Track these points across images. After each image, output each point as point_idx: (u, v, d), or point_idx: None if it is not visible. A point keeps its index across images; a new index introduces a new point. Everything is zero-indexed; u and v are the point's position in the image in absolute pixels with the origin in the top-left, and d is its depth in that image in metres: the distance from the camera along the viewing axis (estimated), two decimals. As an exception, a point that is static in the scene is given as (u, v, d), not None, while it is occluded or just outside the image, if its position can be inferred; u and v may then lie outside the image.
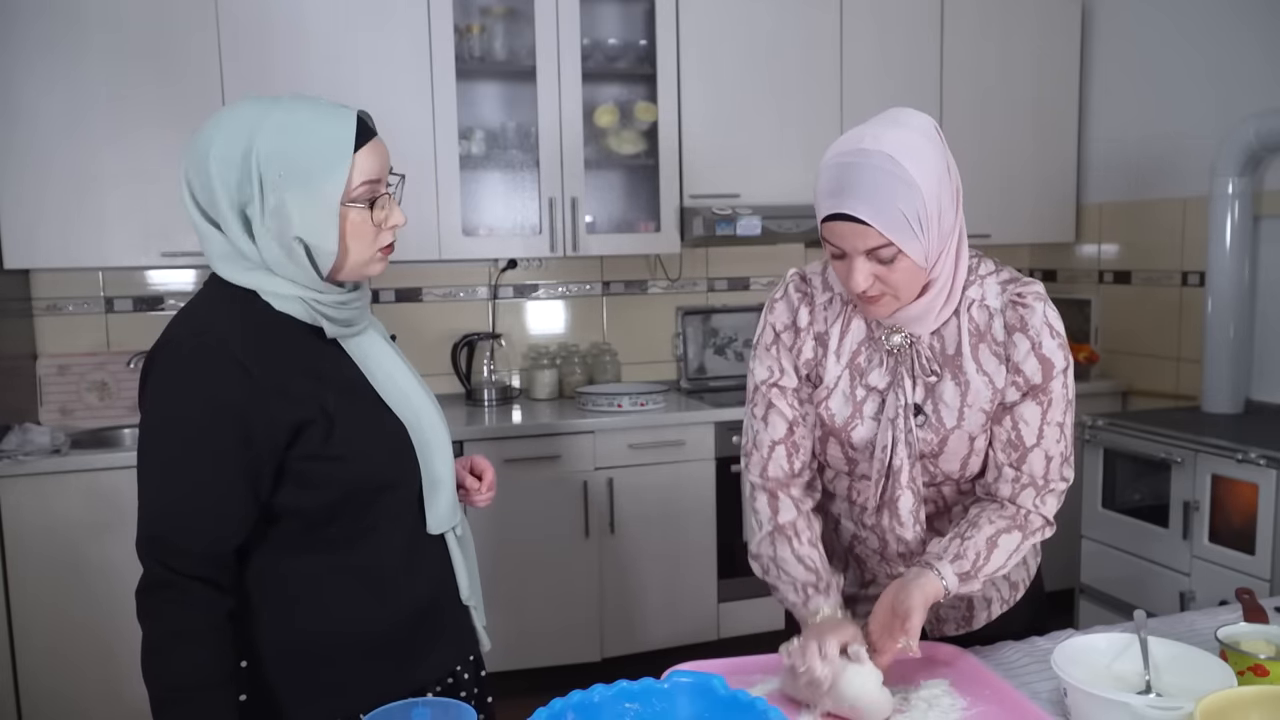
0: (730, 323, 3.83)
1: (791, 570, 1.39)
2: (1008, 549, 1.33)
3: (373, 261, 1.25)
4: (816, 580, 1.37)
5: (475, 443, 2.98)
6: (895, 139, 1.23)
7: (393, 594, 1.29)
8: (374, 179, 1.21)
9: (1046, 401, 1.34)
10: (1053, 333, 1.35)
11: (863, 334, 1.41)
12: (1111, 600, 3.07)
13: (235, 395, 1.15)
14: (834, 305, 1.43)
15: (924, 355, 1.37)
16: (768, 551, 1.42)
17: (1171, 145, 3.50)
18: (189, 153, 1.19)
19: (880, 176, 1.21)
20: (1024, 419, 1.35)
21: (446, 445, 1.35)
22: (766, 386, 1.45)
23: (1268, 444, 2.61)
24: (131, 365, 3.16)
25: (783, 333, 1.46)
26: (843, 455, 1.44)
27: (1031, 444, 1.35)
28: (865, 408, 1.40)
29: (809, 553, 1.39)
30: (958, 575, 1.30)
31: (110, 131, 2.86)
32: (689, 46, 3.34)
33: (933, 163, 1.25)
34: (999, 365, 1.36)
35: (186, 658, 1.13)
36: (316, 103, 1.21)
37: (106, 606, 2.66)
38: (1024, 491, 1.36)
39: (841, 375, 1.41)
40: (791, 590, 1.38)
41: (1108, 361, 3.80)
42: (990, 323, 1.36)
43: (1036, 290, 1.36)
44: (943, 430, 1.37)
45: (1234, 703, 1.08)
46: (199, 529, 1.15)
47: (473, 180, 3.34)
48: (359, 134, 1.20)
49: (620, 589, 3.18)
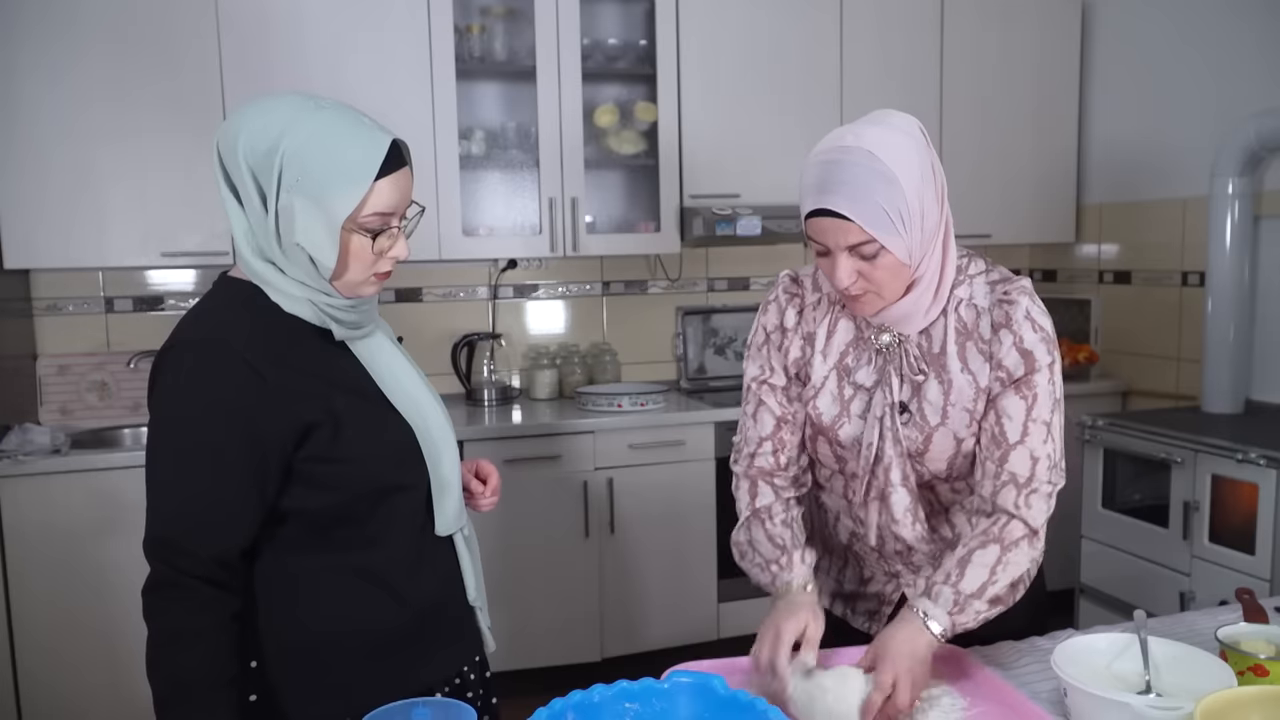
0: (730, 323, 3.83)
1: (761, 549, 1.41)
2: (984, 564, 1.28)
3: (366, 284, 1.24)
4: (780, 555, 1.38)
5: (475, 443, 2.98)
6: (877, 136, 1.25)
7: (400, 595, 1.29)
8: (387, 211, 1.20)
9: (1031, 397, 1.33)
10: (1035, 326, 1.34)
11: (851, 334, 1.43)
12: (1111, 600, 3.07)
13: (244, 397, 1.15)
14: (822, 306, 1.45)
15: (912, 354, 1.38)
16: (744, 537, 1.45)
17: (1171, 145, 3.50)
18: (224, 128, 1.19)
19: (861, 172, 1.23)
20: (1007, 413, 1.34)
21: (453, 448, 1.35)
22: (757, 384, 1.49)
23: (1268, 444, 2.61)
24: (132, 365, 3.17)
25: (772, 333, 1.48)
26: (832, 453, 1.46)
27: (1015, 440, 1.33)
28: (852, 406, 1.41)
29: (780, 531, 1.42)
30: (949, 613, 1.26)
31: (110, 131, 2.86)
32: (689, 46, 3.34)
33: (914, 160, 1.26)
34: (984, 363, 1.36)
35: (191, 657, 1.13)
36: (358, 120, 1.19)
37: (107, 606, 2.66)
38: (1004, 489, 1.32)
39: (829, 375, 1.43)
40: (759, 569, 1.41)
41: (1108, 361, 3.80)
42: (978, 321, 1.37)
43: (1022, 285, 1.37)
44: (927, 428, 1.37)
45: (1234, 703, 1.08)
46: (207, 530, 1.15)
47: (473, 180, 3.34)
48: (388, 162, 1.18)
49: (620, 589, 3.18)
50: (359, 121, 1.19)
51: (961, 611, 1.27)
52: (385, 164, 1.17)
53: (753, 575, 1.43)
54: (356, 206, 1.16)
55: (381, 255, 1.22)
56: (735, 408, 3.25)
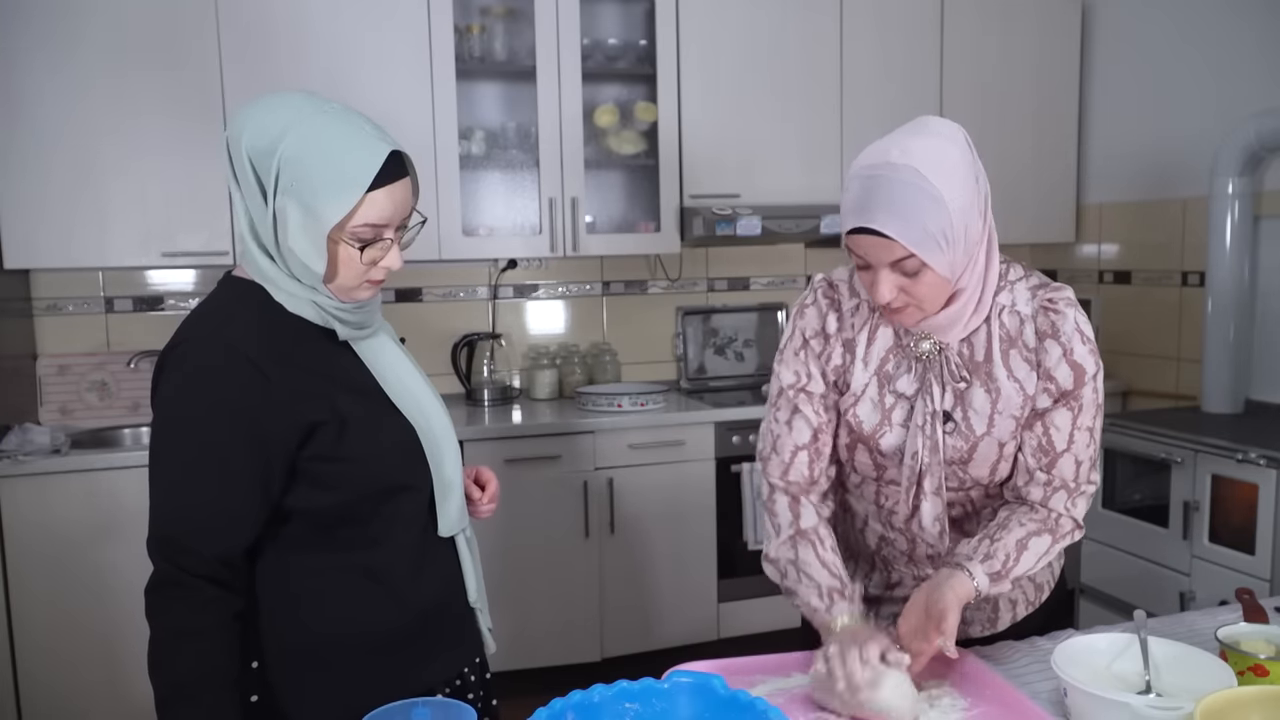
0: (730, 323, 3.83)
1: (815, 574, 1.36)
2: (1038, 551, 1.33)
3: (359, 289, 1.23)
4: (841, 586, 1.35)
5: (475, 443, 2.98)
6: (923, 152, 1.22)
7: (402, 596, 1.29)
8: (380, 223, 1.18)
9: (1077, 407, 1.34)
10: (1084, 338, 1.34)
11: (890, 341, 1.41)
12: (1111, 600, 3.07)
13: (248, 397, 1.15)
14: (861, 312, 1.43)
15: (953, 362, 1.37)
16: (787, 555, 1.39)
17: (1171, 145, 3.50)
18: (232, 121, 1.18)
19: (907, 192, 1.21)
20: (1055, 425, 1.34)
21: (455, 449, 1.35)
22: (794, 391, 1.44)
23: (1268, 444, 2.61)
24: (132, 365, 3.17)
25: (812, 339, 1.44)
26: (871, 462, 1.44)
27: (1062, 449, 1.34)
28: (894, 415, 1.39)
29: (832, 559, 1.38)
30: (989, 575, 1.29)
31: (111, 132, 2.86)
32: (689, 46, 3.34)
33: (961, 174, 1.23)
34: (1030, 371, 1.35)
35: (193, 656, 1.14)
36: (359, 128, 1.17)
37: (106, 606, 2.66)
38: (1055, 495, 1.35)
39: (869, 382, 1.40)
40: (815, 595, 1.35)
41: (1108, 361, 3.74)
42: (1021, 329, 1.36)
43: (1067, 296, 1.36)
44: (972, 437, 1.36)
45: (1234, 703, 1.08)
46: (210, 530, 1.15)
47: (473, 180, 3.34)
48: (386, 173, 1.16)
49: (620, 589, 3.18)
50: (360, 129, 1.17)
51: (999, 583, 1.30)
52: (382, 174, 1.16)
53: (801, 596, 1.37)
54: (346, 216, 1.15)
55: (373, 265, 1.21)
56: (735, 408, 3.27)
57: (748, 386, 3.72)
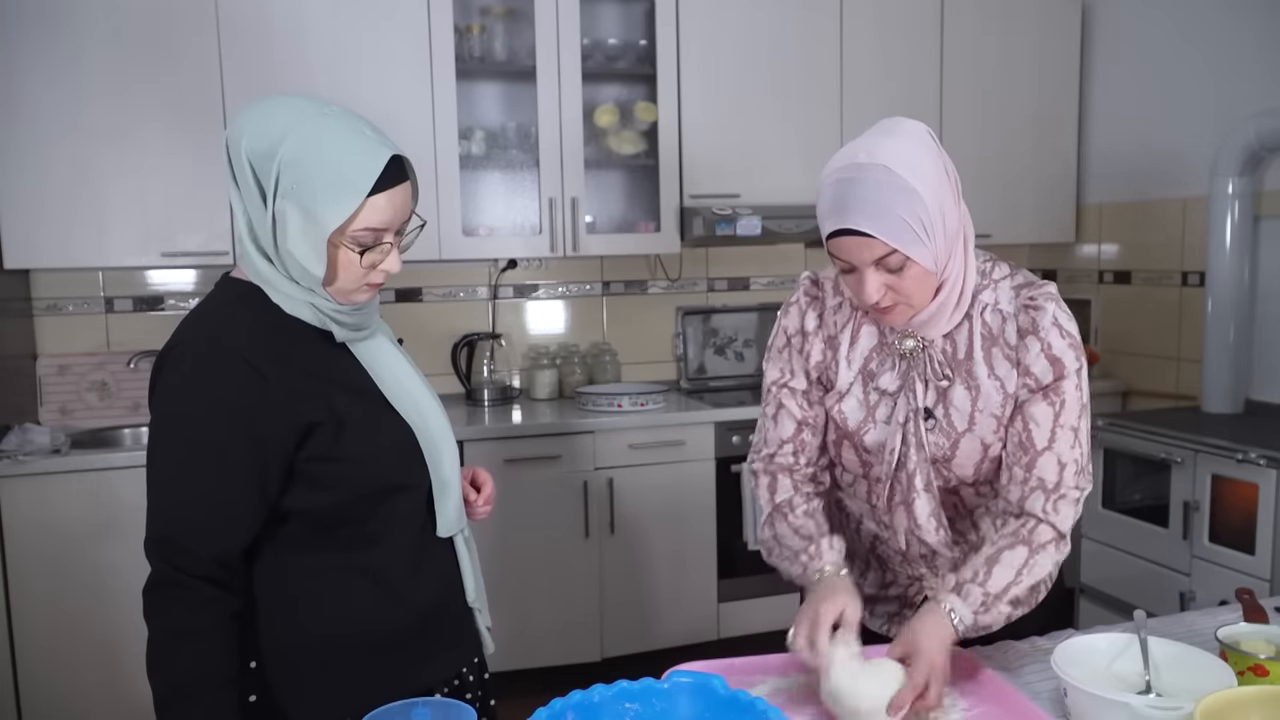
0: (730, 323, 3.83)
1: (788, 542, 1.41)
2: (1012, 565, 1.29)
3: (358, 291, 1.23)
4: (808, 545, 1.37)
5: (475, 443, 2.98)
6: (890, 150, 1.24)
7: (401, 596, 1.29)
8: (380, 227, 1.18)
9: (1058, 403, 1.33)
10: (1063, 333, 1.34)
11: (874, 338, 1.42)
12: (1111, 600, 3.07)
13: (245, 397, 1.15)
14: (844, 309, 1.45)
15: (936, 360, 1.37)
16: (769, 533, 1.45)
17: (1171, 145, 3.50)
18: (233, 124, 1.18)
19: (880, 189, 1.22)
20: (1035, 420, 1.34)
21: (453, 449, 1.36)
22: (777, 387, 1.49)
23: (1268, 444, 2.61)
24: (132, 365, 3.16)
25: (793, 337, 1.48)
26: (857, 458, 1.45)
27: (1043, 446, 1.33)
28: (878, 411, 1.41)
29: (802, 522, 1.42)
30: (974, 612, 1.26)
31: (110, 131, 2.86)
32: (689, 46, 3.34)
33: (929, 166, 1.25)
34: (1011, 369, 1.35)
35: (191, 656, 1.14)
36: (359, 132, 1.17)
37: (106, 606, 2.66)
38: (1032, 495, 1.33)
39: (854, 380, 1.42)
40: (789, 562, 1.40)
41: (1108, 361, 3.80)
42: (1003, 327, 1.36)
43: (1048, 292, 1.36)
44: (954, 434, 1.37)
45: (1234, 703, 1.08)
46: (208, 530, 1.15)
47: (473, 180, 3.34)
48: (386, 177, 1.16)
49: (620, 589, 3.18)
50: (360, 133, 1.17)
51: (987, 611, 1.27)
52: (383, 178, 1.16)
53: (784, 569, 1.42)
54: (346, 220, 1.15)
55: (373, 268, 1.21)
56: (735, 408, 3.27)
57: (748, 386, 3.72)
